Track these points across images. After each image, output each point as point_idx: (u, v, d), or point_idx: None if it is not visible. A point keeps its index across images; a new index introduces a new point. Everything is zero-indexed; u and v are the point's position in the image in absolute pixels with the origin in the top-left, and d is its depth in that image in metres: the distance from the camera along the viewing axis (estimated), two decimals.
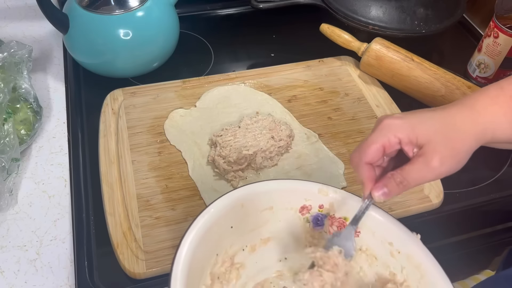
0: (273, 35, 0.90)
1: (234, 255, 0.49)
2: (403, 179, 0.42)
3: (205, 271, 0.45)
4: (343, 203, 0.49)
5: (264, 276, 0.50)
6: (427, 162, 0.41)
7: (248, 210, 0.48)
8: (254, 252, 0.50)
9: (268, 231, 0.50)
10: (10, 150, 0.59)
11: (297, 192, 0.49)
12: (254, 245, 0.50)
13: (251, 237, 0.50)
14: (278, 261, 0.51)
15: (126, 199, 0.58)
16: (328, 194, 0.49)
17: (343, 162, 0.64)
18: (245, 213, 0.48)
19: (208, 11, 0.94)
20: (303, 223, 0.50)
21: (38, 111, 0.68)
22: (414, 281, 0.45)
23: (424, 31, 0.78)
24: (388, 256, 0.47)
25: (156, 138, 0.66)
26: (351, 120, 0.71)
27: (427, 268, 0.44)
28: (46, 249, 0.56)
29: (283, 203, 0.49)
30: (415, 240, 0.46)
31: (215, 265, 0.47)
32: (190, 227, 0.43)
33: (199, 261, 0.43)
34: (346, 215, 0.49)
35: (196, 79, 0.75)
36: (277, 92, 0.74)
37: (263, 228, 0.50)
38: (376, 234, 0.47)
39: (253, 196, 0.48)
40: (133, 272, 0.52)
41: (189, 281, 0.41)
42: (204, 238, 0.43)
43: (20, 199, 0.61)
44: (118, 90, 0.72)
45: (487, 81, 0.79)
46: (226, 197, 0.46)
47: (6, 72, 0.65)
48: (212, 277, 0.46)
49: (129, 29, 0.69)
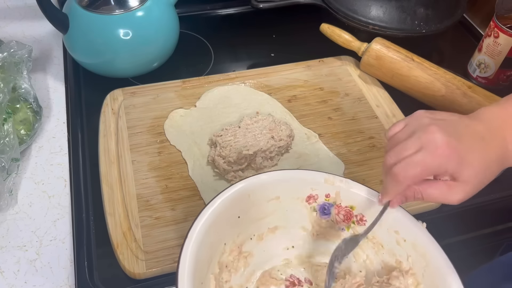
0: (273, 35, 0.90)
1: (242, 244, 0.49)
2: (422, 197, 0.42)
3: (213, 260, 0.46)
4: (349, 192, 0.49)
5: (271, 264, 0.51)
6: (451, 195, 0.41)
7: (255, 200, 0.48)
8: (261, 241, 0.51)
9: (275, 221, 0.51)
10: (10, 150, 0.59)
11: (303, 182, 0.50)
12: (261, 234, 0.51)
13: (258, 226, 0.50)
14: (285, 249, 0.52)
15: (126, 199, 0.58)
16: (334, 183, 0.49)
17: (343, 162, 0.64)
18: (252, 203, 0.48)
19: (208, 11, 0.94)
20: (310, 212, 0.51)
21: (38, 111, 0.68)
22: (420, 269, 0.46)
23: (424, 31, 0.78)
24: (394, 244, 0.48)
25: (156, 138, 0.66)
26: (351, 120, 0.71)
27: (432, 256, 0.45)
28: (46, 249, 0.56)
29: (290, 193, 0.50)
30: (421, 229, 0.46)
31: (223, 254, 0.47)
32: (198, 217, 0.44)
33: (207, 250, 0.44)
34: (352, 203, 0.50)
35: (196, 79, 0.75)
36: (277, 92, 0.74)
37: (270, 218, 0.51)
38: (383, 222, 0.48)
39: (260, 186, 0.48)
40: (133, 272, 0.52)
41: (197, 269, 0.41)
42: (211, 227, 0.44)
43: (20, 199, 0.61)
44: (118, 90, 0.72)
45: (487, 81, 0.79)
46: (233, 188, 0.47)
47: (6, 72, 0.65)
48: (220, 265, 0.47)
49: (129, 29, 0.68)
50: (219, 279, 0.46)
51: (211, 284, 0.45)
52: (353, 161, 0.65)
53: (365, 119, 0.71)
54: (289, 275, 0.51)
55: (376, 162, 0.65)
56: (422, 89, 0.71)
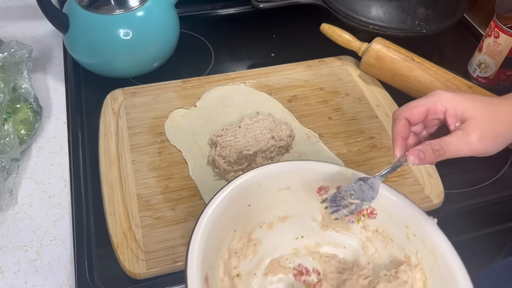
0: (274, 35, 0.90)
1: (251, 231, 0.50)
2: (440, 148, 0.43)
3: (222, 246, 0.47)
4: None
5: (280, 253, 0.51)
6: (466, 136, 0.43)
7: (266, 189, 0.49)
8: (271, 229, 0.51)
9: (285, 210, 0.51)
10: (10, 150, 0.59)
11: (315, 173, 0.50)
12: (271, 222, 0.51)
13: (268, 215, 0.51)
14: (294, 239, 0.52)
15: (126, 199, 0.58)
16: (346, 176, 0.49)
17: (344, 162, 0.64)
18: (262, 192, 0.49)
19: (208, 11, 0.94)
20: (320, 203, 0.51)
21: (38, 111, 0.68)
22: (428, 264, 0.46)
23: (424, 31, 0.78)
24: (404, 239, 0.48)
25: (156, 138, 0.66)
26: (351, 120, 0.71)
27: (442, 252, 0.45)
28: (46, 249, 0.56)
29: (301, 184, 0.50)
30: (431, 224, 0.46)
31: (232, 241, 0.48)
32: (209, 204, 0.45)
33: (216, 236, 0.45)
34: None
35: (196, 79, 0.75)
36: (278, 92, 0.74)
37: (280, 207, 0.51)
38: (393, 216, 0.48)
39: (271, 176, 0.49)
40: (133, 272, 0.52)
41: (207, 254, 0.42)
42: (222, 214, 0.45)
43: (20, 199, 0.61)
44: (118, 90, 0.72)
45: (487, 81, 0.79)
46: (244, 177, 0.47)
47: (6, 72, 0.65)
48: (229, 251, 0.47)
49: (129, 29, 0.68)
50: (228, 264, 0.47)
51: (220, 269, 0.45)
52: (354, 161, 0.65)
53: (366, 119, 0.71)
54: (297, 264, 0.51)
55: (376, 162, 0.65)
56: (422, 89, 0.71)
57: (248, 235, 0.50)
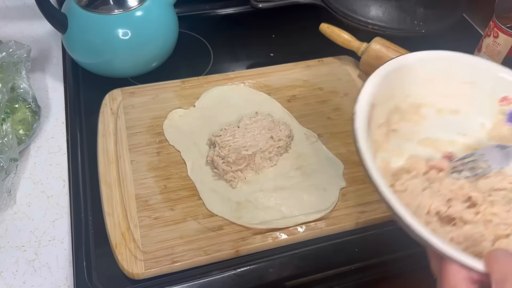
0: (273, 35, 0.90)
1: (420, 106, 0.51)
2: None
3: (392, 98, 0.48)
4: None
5: (438, 136, 0.51)
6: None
7: (451, 74, 0.49)
8: (439, 114, 0.51)
9: (459, 103, 0.51)
10: (8, 150, 0.59)
11: (505, 82, 0.48)
12: (441, 108, 0.51)
13: (441, 100, 0.51)
14: (457, 133, 0.51)
15: (124, 199, 0.58)
16: None
17: (343, 162, 0.64)
18: (447, 75, 0.49)
19: (207, 10, 0.94)
20: (497, 113, 0.50)
21: (37, 111, 0.68)
22: None
23: (424, 30, 0.78)
24: None
25: (155, 138, 0.66)
26: (351, 120, 0.70)
27: None
28: (45, 250, 0.56)
29: (486, 86, 0.49)
30: None
31: (402, 102, 0.49)
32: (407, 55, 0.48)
33: (393, 85, 0.47)
34: None
35: (195, 79, 0.75)
36: (277, 92, 0.74)
37: (456, 98, 0.50)
38: None
39: (464, 62, 0.49)
40: (131, 273, 0.52)
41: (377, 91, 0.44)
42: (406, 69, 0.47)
43: (19, 199, 0.60)
44: (117, 90, 0.72)
45: None
46: (433, 53, 0.48)
47: (5, 72, 0.65)
48: (396, 107, 0.49)
49: (128, 28, 0.68)
50: (390, 115, 0.48)
51: (383, 114, 0.47)
52: (353, 161, 0.64)
53: None
54: (449, 151, 0.50)
55: None
56: None
57: (417, 107, 0.50)
